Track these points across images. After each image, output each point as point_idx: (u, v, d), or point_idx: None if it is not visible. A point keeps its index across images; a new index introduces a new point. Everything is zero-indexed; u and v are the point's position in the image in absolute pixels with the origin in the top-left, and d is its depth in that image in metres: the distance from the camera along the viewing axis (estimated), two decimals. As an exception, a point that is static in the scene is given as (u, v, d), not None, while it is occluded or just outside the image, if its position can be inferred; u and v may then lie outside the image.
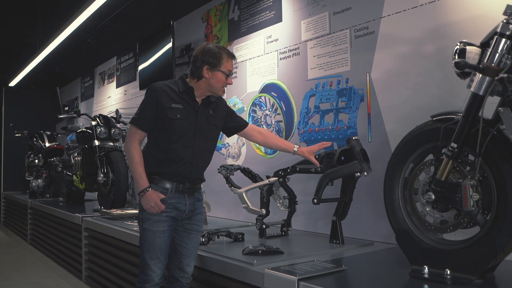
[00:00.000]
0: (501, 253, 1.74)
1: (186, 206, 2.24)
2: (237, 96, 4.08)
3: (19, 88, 9.29)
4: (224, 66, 2.22)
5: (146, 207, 2.15)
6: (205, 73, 2.20)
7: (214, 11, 4.47)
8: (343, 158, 2.62)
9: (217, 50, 2.21)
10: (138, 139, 2.21)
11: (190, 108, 2.23)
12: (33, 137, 7.61)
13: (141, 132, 2.22)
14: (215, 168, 3.49)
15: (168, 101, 2.18)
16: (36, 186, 7.12)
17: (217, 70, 2.21)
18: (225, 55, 2.22)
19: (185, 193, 2.23)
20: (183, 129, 2.19)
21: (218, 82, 2.23)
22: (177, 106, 2.19)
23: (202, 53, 2.21)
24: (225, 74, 2.23)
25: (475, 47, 1.80)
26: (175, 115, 2.17)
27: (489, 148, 1.75)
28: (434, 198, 1.90)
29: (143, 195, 2.15)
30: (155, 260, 2.17)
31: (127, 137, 2.24)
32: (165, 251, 2.21)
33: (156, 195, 2.15)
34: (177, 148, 2.19)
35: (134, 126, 2.22)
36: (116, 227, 3.49)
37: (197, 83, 2.24)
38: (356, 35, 3.00)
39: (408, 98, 2.67)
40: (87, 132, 5.07)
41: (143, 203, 2.17)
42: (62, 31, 5.82)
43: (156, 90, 2.20)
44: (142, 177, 2.17)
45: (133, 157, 2.18)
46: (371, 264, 2.25)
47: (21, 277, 4.39)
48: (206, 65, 2.19)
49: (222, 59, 2.21)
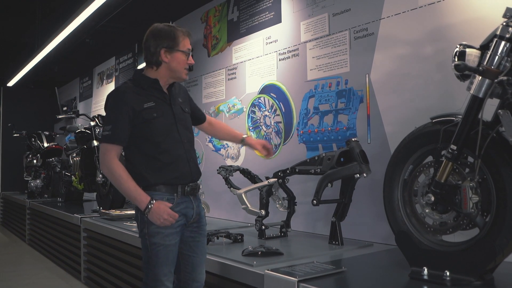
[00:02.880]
0: (500, 254, 1.75)
1: (193, 209, 2.07)
2: (236, 97, 4.08)
3: (17, 88, 9.26)
4: (182, 45, 2.03)
5: (160, 222, 1.93)
6: (164, 57, 2.01)
7: (213, 11, 4.47)
8: (343, 160, 2.63)
9: (170, 29, 2.03)
10: (115, 155, 1.96)
11: (162, 102, 2.04)
12: (32, 137, 7.59)
13: (117, 147, 1.97)
14: (214, 169, 3.50)
15: (138, 103, 1.98)
16: (34, 186, 7.11)
17: (176, 51, 2.02)
18: (180, 33, 2.03)
19: (190, 194, 2.06)
20: (165, 127, 2.02)
21: (180, 64, 2.04)
22: (149, 105, 1.99)
23: (155, 37, 2.02)
24: (185, 54, 2.04)
25: (475, 50, 1.81)
26: (151, 115, 1.98)
27: (488, 150, 1.76)
28: (433, 200, 1.91)
29: (150, 210, 1.92)
30: (168, 275, 1.99)
31: (103, 156, 1.96)
32: (175, 263, 2.05)
33: (164, 205, 1.94)
34: (168, 148, 2.01)
35: (109, 143, 1.96)
36: (115, 228, 3.49)
37: (157, 71, 2.05)
38: (355, 36, 3.00)
39: (407, 99, 2.68)
40: (86, 133, 5.06)
41: (153, 219, 1.93)
42: (61, 31, 5.81)
43: (122, 96, 1.99)
44: (138, 192, 1.94)
45: (119, 175, 1.93)
46: (371, 266, 2.25)
47: (20, 277, 4.38)
48: (163, 48, 2.00)
49: (178, 38, 2.02)
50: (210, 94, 4.44)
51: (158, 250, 1.97)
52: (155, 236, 1.97)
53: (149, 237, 1.98)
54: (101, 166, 2.00)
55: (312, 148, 3.29)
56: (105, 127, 1.99)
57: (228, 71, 4.20)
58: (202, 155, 4.50)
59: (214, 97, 4.38)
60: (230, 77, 4.17)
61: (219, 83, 4.31)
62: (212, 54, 4.44)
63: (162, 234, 1.97)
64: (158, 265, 1.98)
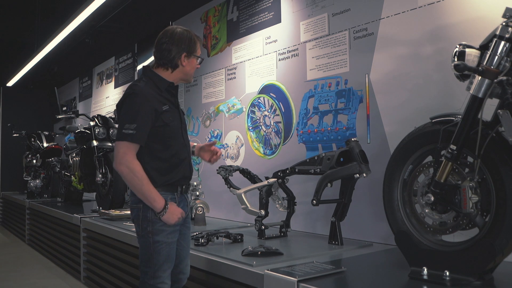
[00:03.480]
0: (500, 254, 1.75)
1: (188, 206, 2.19)
2: (236, 97, 4.08)
3: (17, 88, 9.27)
4: (198, 51, 2.14)
5: (174, 221, 2.01)
6: (183, 61, 2.09)
7: (213, 11, 4.47)
8: (342, 160, 2.63)
9: (190, 35, 2.11)
10: (135, 155, 1.97)
11: (173, 105, 2.09)
12: (31, 137, 7.59)
13: (138, 146, 1.98)
14: (214, 168, 3.50)
15: (159, 105, 2.01)
16: (34, 186, 7.11)
17: (193, 57, 2.12)
18: (197, 39, 2.14)
19: (185, 193, 2.17)
20: (176, 130, 2.08)
21: (193, 69, 2.15)
22: (165, 108, 2.03)
23: (176, 41, 2.07)
24: (199, 59, 2.16)
25: (475, 50, 1.81)
26: (169, 118, 2.03)
27: (488, 150, 1.76)
28: (433, 200, 1.91)
29: (166, 213, 1.98)
30: (167, 271, 2.06)
31: (123, 155, 1.94)
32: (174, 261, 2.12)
33: (175, 206, 2.04)
34: (177, 151, 2.08)
35: (133, 143, 1.95)
36: (114, 228, 3.49)
37: (172, 73, 2.11)
38: (355, 36, 3.00)
39: (407, 99, 2.68)
40: (86, 133, 5.06)
41: (169, 219, 1.99)
42: (61, 31, 5.81)
43: (148, 96, 1.99)
44: (157, 194, 1.97)
45: (141, 175, 1.94)
46: (370, 266, 2.25)
47: (19, 277, 4.38)
48: (184, 52, 2.08)
49: (196, 44, 2.12)
50: (209, 94, 4.44)
51: (161, 248, 2.02)
52: (159, 234, 2.01)
53: (152, 235, 2.01)
54: (118, 165, 1.95)
55: (311, 148, 3.29)
56: (127, 125, 1.95)
57: (228, 71, 4.20)
58: (202, 155, 4.49)
59: (213, 97, 4.38)
60: (230, 77, 4.17)
61: (219, 83, 4.31)
62: (211, 54, 4.44)
63: (166, 231, 2.02)
64: (160, 262, 2.02)
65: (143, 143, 1.98)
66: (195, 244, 2.64)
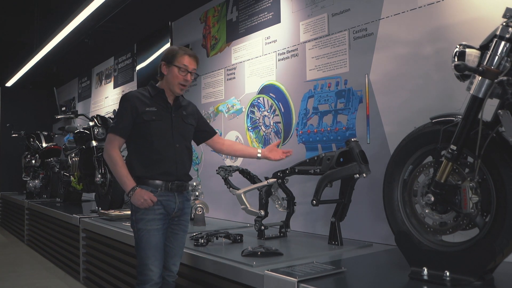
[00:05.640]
0: (500, 254, 1.75)
1: (176, 204, 2.29)
2: (235, 97, 4.08)
3: (16, 88, 9.26)
4: (178, 61, 2.28)
5: (139, 203, 2.19)
6: (164, 70, 2.32)
7: (212, 11, 4.47)
8: (342, 160, 2.63)
9: (176, 48, 2.35)
10: (117, 145, 2.27)
11: (164, 109, 2.32)
12: (30, 137, 7.58)
13: (119, 138, 2.28)
14: (214, 169, 3.49)
15: (141, 105, 2.27)
16: (33, 186, 7.10)
17: (172, 65, 2.29)
18: (181, 51, 2.31)
19: (174, 191, 2.28)
20: (161, 129, 2.28)
21: (174, 78, 2.29)
22: (151, 109, 2.28)
23: (163, 53, 2.37)
24: (181, 70, 2.28)
25: (475, 50, 1.81)
26: (151, 117, 2.26)
27: (488, 151, 1.76)
28: (433, 200, 1.91)
29: (133, 194, 2.20)
30: (152, 258, 2.20)
31: (106, 145, 2.29)
32: (161, 249, 2.25)
33: (144, 191, 2.21)
34: (159, 148, 2.26)
35: (113, 134, 2.28)
36: (114, 228, 3.49)
37: (162, 82, 2.35)
38: (355, 36, 3.00)
39: (407, 100, 2.68)
40: (85, 133, 5.05)
41: (134, 201, 2.21)
42: (60, 31, 5.81)
43: (129, 97, 2.30)
44: (128, 178, 2.22)
45: (115, 160, 2.24)
46: (370, 266, 2.25)
47: (18, 278, 4.37)
48: (163, 61, 2.32)
49: (177, 54, 2.29)
50: (209, 94, 4.43)
51: (142, 235, 2.22)
52: (139, 222, 2.23)
53: (136, 224, 2.25)
54: (103, 153, 2.36)
55: (311, 148, 3.29)
56: (113, 121, 2.34)
57: (227, 71, 4.20)
58: (201, 156, 4.50)
59: (213, 97, 4.37)
60: (229, 77, 4.17)
61: (218, 83, 4.31)
62: (211, 54, 4.43)
63: (145, 219, 2.22)
64: (141, 249, 2.22)
65: (122, 135, 2.28)
66: (195, 244, 2.64)
